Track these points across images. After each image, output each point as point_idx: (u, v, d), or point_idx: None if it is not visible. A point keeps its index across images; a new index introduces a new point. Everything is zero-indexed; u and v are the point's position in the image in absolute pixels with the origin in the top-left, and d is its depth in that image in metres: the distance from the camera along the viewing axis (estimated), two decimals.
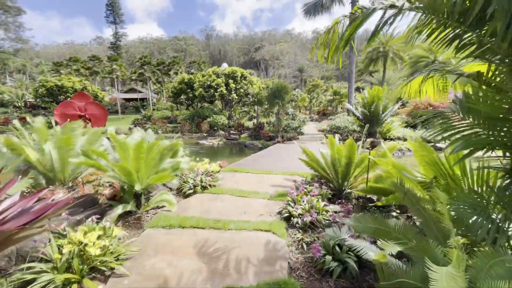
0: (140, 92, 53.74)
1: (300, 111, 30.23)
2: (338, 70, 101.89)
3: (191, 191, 4.90)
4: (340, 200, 4.67)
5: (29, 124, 5.01)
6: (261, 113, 20.74)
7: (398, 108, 18.56)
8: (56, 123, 21.38)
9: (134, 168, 3.98)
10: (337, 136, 5.94)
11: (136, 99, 51.66)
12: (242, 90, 26.46)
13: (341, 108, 31.32)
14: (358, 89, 35.56)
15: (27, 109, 39.45)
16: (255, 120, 27.08)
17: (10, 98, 41.55)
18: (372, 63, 30.38)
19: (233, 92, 26.45)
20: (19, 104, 41.01)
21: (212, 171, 6.42)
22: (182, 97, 34.21)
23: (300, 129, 18.84)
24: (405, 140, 14.81)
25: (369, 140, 13.29)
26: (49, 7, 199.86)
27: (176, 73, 45.85)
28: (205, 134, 23.36)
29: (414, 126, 17.29)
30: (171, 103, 40.96)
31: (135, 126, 25.21)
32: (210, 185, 5.14)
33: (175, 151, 5.54)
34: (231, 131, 22.95)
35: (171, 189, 5.22)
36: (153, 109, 41.76)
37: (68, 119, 22.06)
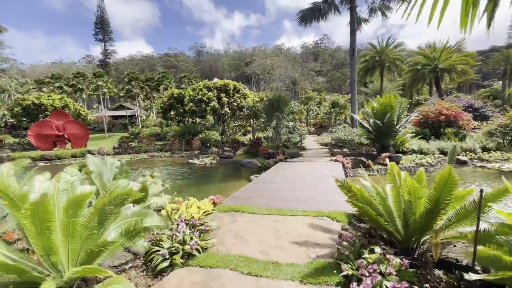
0: (129, 109, 51.68)
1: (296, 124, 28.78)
2: (329, 83, 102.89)
3: (165, 263, 2.93)
4: (418, 273, 2.77)
5: None
6: (257, 127, 19.07)
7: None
8: (31, 144, 18.92)
9: (40, 248, 2.06)
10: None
11: (124, 116, 49.48)
12: (235, 104, 24.87)
13: (340, 119, 30.03)
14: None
15: (7, 130, 36.80)
16: (250, 135, 25.35)
17: None
18: (368, 73, 29.50)
19: (225, 106, 24.81)
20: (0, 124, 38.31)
21: (204, 212, 4.51)
22: (172, 112, 32.38)
23: (301, 144, 17.13)
24: (421, 153, 13.24)
25: (384, 155, 11.63)
26: (34, 26, 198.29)
27: (165, 89, 44.21)
28: (196, 152, 21.37)
29: (423, 137, 15.85)
30: (160, 120, 39.04)
31: (120, 146, 23.07)
32: (198, 249, 3.17)
33: (145, 190, 3.63)
34: (225, 148, 21.06)
35: (135, 254, 3.25)
36: (142, 126, 39.70)
37: (45, 140, 19.61)
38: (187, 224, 3.68)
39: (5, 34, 39.25)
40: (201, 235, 3.55)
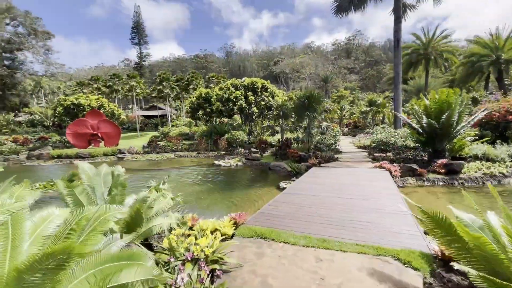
0: (160, 109, 53.32)
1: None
2: (362, 81, 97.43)
3: None
4: None
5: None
6: (286, 128, 17.78)
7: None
8: (66, 143, 19.71)
9: None
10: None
11: (156, 116, 51.10)
12: (263, 103, 23.82)
13: (377, 119, 27.46)
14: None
15: (54, 129, 39.86)
16: (278, 136, 24.11)
17: (40, 118, 42.50)
18: (411, 68, 26.51)
19: (253, 105, 23.88)
20: (48, 123, 41.68)
21: (223, 235, 3.48)
22: (200, 112, 32.33)
23: (336, 146, 15.50)
24: (487, 160, 10.93)
25: (440, 162, 9.69)
26: (78, 33, 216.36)
27: (195, 89, 44.68)
28: (222, 152, 20.70)
29: (487, 141, 13.27)
30: (189, 119, 39.44)
31: (149, 145, 23.29)
32: None
33: (138, 216, 2.67)
34: (252, 149, 20.07)
35: None
36: (172, 126, 40.47)
37: (81, 138, 20.28)
38: (195, 261, 2.64)
39: (53, 41, 42.46)
40: (213, 284, 2.48)
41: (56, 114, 28.30)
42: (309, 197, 5.93)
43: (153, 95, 46.06)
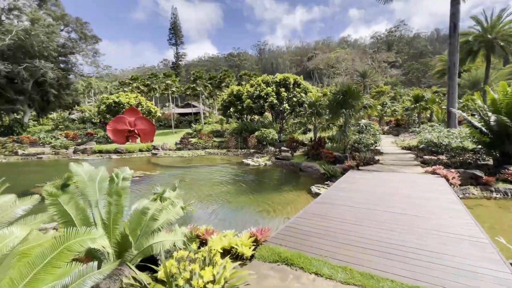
0: (194, 106, 54.88)
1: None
2: (405, 75, 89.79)
3: None
4: None
5: None
6: (319, 126, 16.58)
7: None
8: (108, 138, 20.92)
9: None
10: None
11: (190, 114, 52.68)
12: (295, 99, 22.73)
13: (424, 117, 24.58)
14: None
15: (100, 125, 43.38)
16: (311, 134, 22.87)
17: (89, 116, 46.56)
18: (468, 58, 23.09)
19: (284, 102, 22.92)
20: (95, 120, 45.48)
21: (240, 256, 2.81)
22: (231, 110, 32.32)
23: (376, 146, 13.97)
24: None
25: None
26: (121, 37, 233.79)
27: (227, 86, 45.01)
28: (252, 151, 20.19)
29: None
30: (221, 117, 39.79)
31: (181, 142, 23.74)
32: None
33: (124, 240, 2.11)
34: (282, 147, 19.23)
35: None
36: (204, 123, 41.27)
37: (120, 134, 21.33)
38: None
39: (100, 44, 45.90)
40: None
41: (100, 112, 30.42)
42: (347, 208, 4.98)
43: (188, 93, 47.48)
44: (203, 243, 3.39)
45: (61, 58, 39.82)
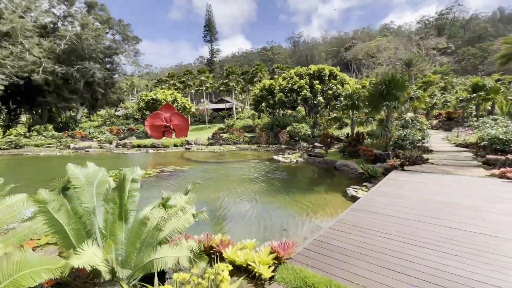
0: (227, 102, 55.62)
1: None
2: (458, 63, 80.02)
3: None
4: None
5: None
6: (357, 120, 15.23)
7: None
8: (147, 133, 22.01)
9: None
10: None
11: (224, 109, 53.50)
12: (330, 92, 21.37)
13: (483, 109, 21.32)
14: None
15: (142, 121, 46.41)
16: (347, 129, 21.37)
17: (132, 112, 50.08)
18: None
19: (318, 95, 21.70)
20: (137, 116, 48.75)
21: (260, 276, 2.32)
22: (263, 104, 31.85)
23: (424, 143, 12.32)
24: None
25: None
26: (160, 36, 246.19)
27: (259, 81, 44.60)
28: (283, 146, 19.51)
29: None
30: (253, 112, 39.63)
31: (213, 137, 24.00)
32: None
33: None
34: (316, 143, 18.23)
35: None
36: (237, 118, 41.51)
37: (156, 130, 22.28)
38: None
39: (140, 44, 48.62)
40: None
41: (139, 108, 32.24)
42: (391, 220, 4.16)
43: (221, 88, 48.17)
44: (217, 256, 2.96)
45: (106, 59, 42.98)
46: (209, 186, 8.84)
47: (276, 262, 2.84)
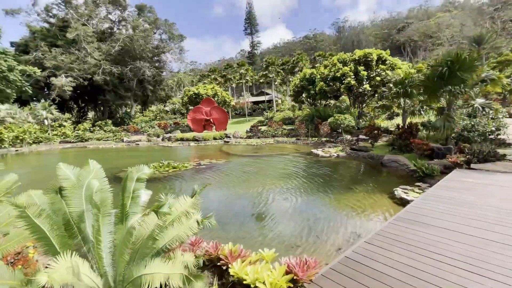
0: (267, 94, 55.17)
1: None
2: None
3: None
4: None
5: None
6: (410, 109, 13.32)
7: None
8: (189, 127, 22.99)
9: None
10: None
11: (264, 101, 53.25)
12: (378, 79, 19.25)
13: None
14: None
15: (187, 115, 49.13)
16: (398, 120, 19.09)
17: (178, 107, 53.31)
18: None
19: (365, 82, 19.75)
20: (183, 111, 51.73)
21: None
22: (303, 95, 30.59)
23: (499, 135, 10.15)
24: None
25: None
26: (204, 32, 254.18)
27: (300, 71, 43.04)
28: (324, 139, 18.34)
29: None
30: (293, 103, 38.48)
31: (251, 130, 23.88)
32: None
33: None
34: (360, 136, 16.69)
35: None
36: (277, 110, 40.84)
37: (198, 123, 23.10)
38: None
39: (185, 41, 50.86)
40: None
41: (183, 103, 33.85)
42: (451, 236, 3.24)
43: (261, 81, 47.85)
44: (224, 270, 2.57)
45: (155, 58, 45.99)
46: (242, 181, 8.59)
47: (292, 286, 2.33)
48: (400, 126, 12.62)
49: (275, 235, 4.53)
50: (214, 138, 22.82)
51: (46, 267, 1.67)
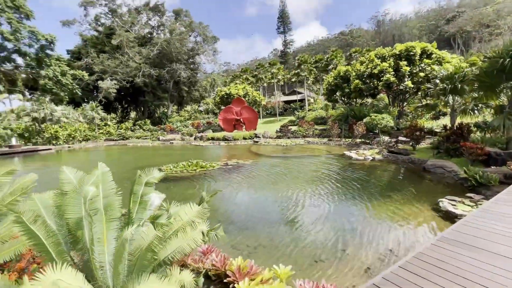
0: (299, 93, 54.00)
1: None
2: None
3: None
4: None
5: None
6: (459, 107, 11.73)
7: None
8: (220, 127, 23.40)
9: None
10: None
11: (295, 101, 52.21)
12: (422, 74, 17.47)
13: None
14: None
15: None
16: (445, 120, 17.12)
17: (212, 107, 54.94)
18: None
19: (406, 79, 18.07)
20: (216, 111, 53.16)
21: None
22: (337, 93, 29.26)
23: None
24: None
25: None
26: (236, 33, 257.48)
27: (334, 68, 41.30)
28: (358, 140, 17.18)
29: None
30: (326, 102, 37.09)
31: (281, 130, 23.45)
32: None
33: None
34: (400, 137, 15.28)
35: None
36: (309, 110, 39.70)
37: (228, 123, 23.39)
38: None
39: (218, 43, 52.04)
40: None
41: (215, 103, 34.59)
42: None
43: (293, 80, 46.94)
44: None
45: (190, 60, 47.79)
46: (269, 184, 8.32)
47: None
48: (447, 127, 11.21)
49: (299, 245, 4.17)
50: (244, 138, 22.86)
51: (32, 279, 1.57)
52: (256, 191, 7.54)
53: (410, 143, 12.76)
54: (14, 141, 22.12)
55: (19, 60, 18.18)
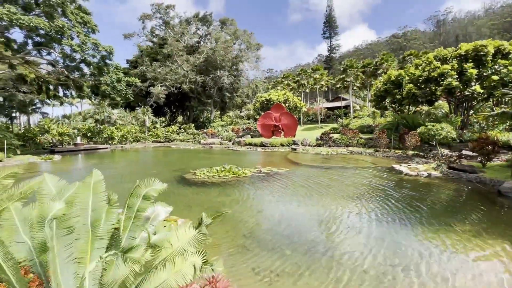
0: (344, 99, 51.36)
1: None
2: None
3: None
4: None
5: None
6: None
7: None
8: (258, 132, 23.24)
9: None
10: None
11: (339, 107, 49.77)
12: (496, 78, 14.76)
13: None
14: None
15: None
16: None
17: (252, 113, 55.69)
18: None
19: (473, 83, 15.50)
20: (257, 117, 53.69)
21: None
22: (386, 100, 26.77)
23: None
24: None
25: None
26: (279, 40, 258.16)
27: (384, 73, 38.24)
28: (410, 153, 15.18)
29: None
30: (374, 109, 34.42)
31: (321, 138, 22.22)
32: None
33: None
34: (464, 151, 13.04)
35: None
36: (354, 117, 37.31)
37: (267, 129, 23.13)
38: None
39: (261, 50, 52.66)
40: None
41: (255, 109, 34.72)
42: None
43: (337, 85, 44.82)
44: None
45: (233, 67, 49.19)
46: (303, 197, 7.62)
47: None
48: None
49: (328, 281, 3.47)
50: (281, 145, 22.24)
51: None
52: (287, 206, 6.91)
53: (478, 159, 10.70)
54: (78, 140, 25.19)
55: (85, 69, 20.74)
